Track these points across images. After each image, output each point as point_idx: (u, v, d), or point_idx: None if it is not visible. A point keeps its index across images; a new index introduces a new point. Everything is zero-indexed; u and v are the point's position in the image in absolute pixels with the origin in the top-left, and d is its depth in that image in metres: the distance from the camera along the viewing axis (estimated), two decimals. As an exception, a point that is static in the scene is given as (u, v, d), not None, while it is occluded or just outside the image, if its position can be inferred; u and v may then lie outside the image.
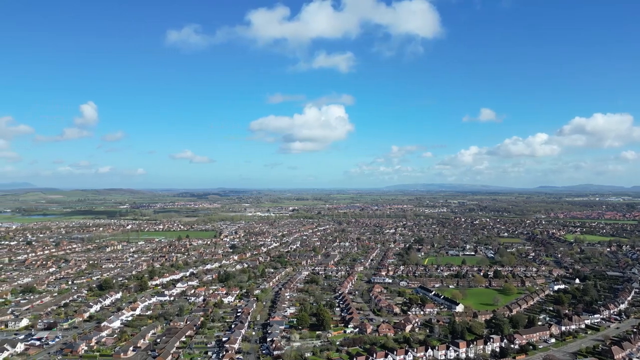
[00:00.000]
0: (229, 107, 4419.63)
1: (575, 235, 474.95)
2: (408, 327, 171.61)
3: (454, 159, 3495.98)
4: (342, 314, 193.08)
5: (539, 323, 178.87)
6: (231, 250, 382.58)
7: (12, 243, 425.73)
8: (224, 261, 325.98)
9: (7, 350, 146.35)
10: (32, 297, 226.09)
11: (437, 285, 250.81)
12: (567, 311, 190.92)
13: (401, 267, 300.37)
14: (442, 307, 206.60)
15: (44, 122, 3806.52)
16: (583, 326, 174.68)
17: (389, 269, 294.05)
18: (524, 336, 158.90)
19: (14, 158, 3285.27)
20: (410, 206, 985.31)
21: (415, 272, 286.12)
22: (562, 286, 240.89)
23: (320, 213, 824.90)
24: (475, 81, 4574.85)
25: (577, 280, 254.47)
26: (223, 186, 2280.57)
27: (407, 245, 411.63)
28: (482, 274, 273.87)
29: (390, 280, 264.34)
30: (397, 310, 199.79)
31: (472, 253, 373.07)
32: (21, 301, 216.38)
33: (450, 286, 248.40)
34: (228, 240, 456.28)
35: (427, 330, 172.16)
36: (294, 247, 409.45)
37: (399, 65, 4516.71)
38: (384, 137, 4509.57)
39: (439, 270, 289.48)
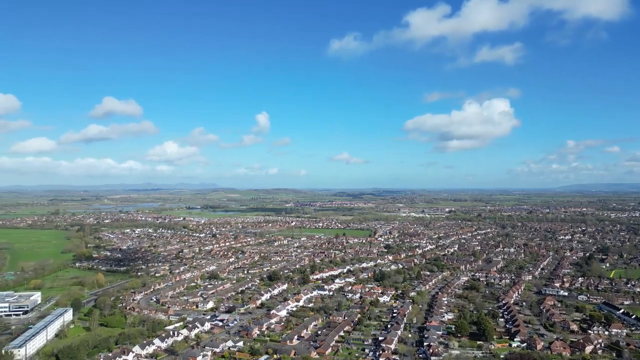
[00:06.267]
0: (384, 108, 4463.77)
1: None
2: (588, 348, 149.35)
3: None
4: (507, 326, 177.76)
5: None
6: (386, 250, 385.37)
7: (201, 235, 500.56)
8: (378, 260, 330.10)
9: (198, 327, 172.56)
10: (216, 282, 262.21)
11: (626, 303, 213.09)
12: None
13: (579, 278, 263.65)
14: (633, 328, 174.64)
15: (227, 131, 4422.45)
16: None
17: (564, 280, 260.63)
18: None
19: (204, 162, 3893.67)
20: (591, 209, 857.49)
21: (598, 285, 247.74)
22: None
23: (481, 215, 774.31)
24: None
25: None
26: (377, 186, 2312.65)
27: (588, 254, 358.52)
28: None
29: (566, 293, 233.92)
30: (574, 327, 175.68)
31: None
32: (208, 286, 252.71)
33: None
34: (382, 240, 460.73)
35: (614, 354, 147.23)
36: (451, 250, 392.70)
37: (577, 53, 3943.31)
38: (557, 132, 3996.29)
39: (629, 285, 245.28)
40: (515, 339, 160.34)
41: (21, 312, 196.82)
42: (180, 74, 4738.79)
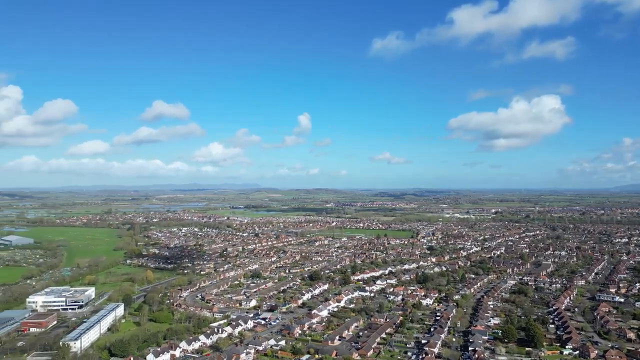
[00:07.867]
0: (427, 107, 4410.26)
1: None
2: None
3: None
4: (558, 332, 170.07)
5: None
6: (428, 252, 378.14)
7: (244, 234, 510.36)
8: (421, 262, 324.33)
9: (241, 325, 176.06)
10: (258, 281, 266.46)
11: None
12: None
13: (637, 284, 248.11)
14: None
15: (269, 132, 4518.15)
16: None
17: (620, 285, 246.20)
18: None
19: (247, 163, 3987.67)
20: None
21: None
22: None
23: (529, 216, 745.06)
24: None
25: None
26: (419, 186, 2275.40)
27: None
28: None
29: (622, 300, 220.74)
30: (631, 335, 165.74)
31: None
32: (251, 284, 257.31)
33: None
34: (425, 241, 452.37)
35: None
36: (498, 252, 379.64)
37: (633, 47, 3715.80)
38: (612, 129, 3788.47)
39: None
40: (566, 346, 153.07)
41: (76, 307, 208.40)
42: (226, 78, 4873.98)
